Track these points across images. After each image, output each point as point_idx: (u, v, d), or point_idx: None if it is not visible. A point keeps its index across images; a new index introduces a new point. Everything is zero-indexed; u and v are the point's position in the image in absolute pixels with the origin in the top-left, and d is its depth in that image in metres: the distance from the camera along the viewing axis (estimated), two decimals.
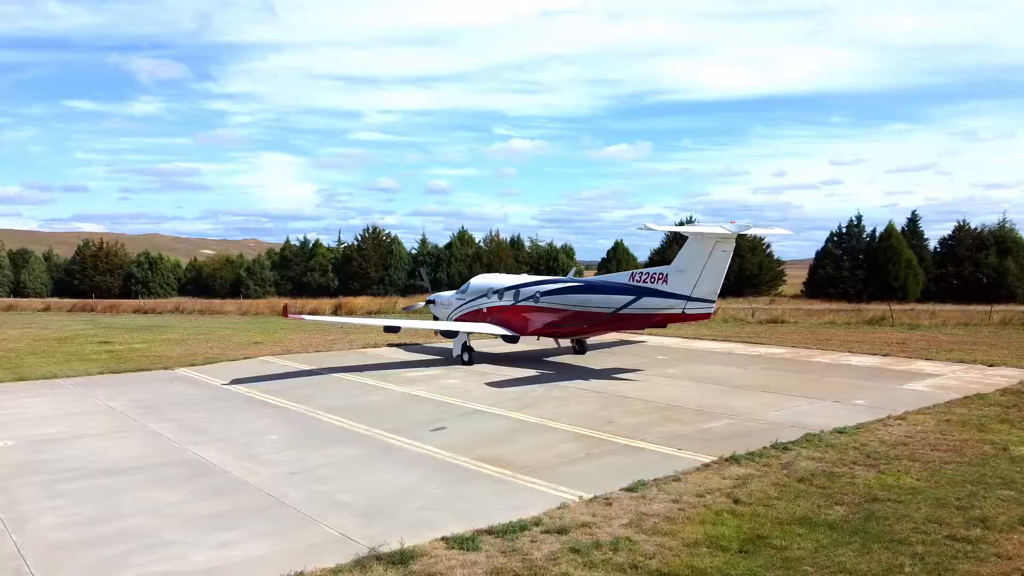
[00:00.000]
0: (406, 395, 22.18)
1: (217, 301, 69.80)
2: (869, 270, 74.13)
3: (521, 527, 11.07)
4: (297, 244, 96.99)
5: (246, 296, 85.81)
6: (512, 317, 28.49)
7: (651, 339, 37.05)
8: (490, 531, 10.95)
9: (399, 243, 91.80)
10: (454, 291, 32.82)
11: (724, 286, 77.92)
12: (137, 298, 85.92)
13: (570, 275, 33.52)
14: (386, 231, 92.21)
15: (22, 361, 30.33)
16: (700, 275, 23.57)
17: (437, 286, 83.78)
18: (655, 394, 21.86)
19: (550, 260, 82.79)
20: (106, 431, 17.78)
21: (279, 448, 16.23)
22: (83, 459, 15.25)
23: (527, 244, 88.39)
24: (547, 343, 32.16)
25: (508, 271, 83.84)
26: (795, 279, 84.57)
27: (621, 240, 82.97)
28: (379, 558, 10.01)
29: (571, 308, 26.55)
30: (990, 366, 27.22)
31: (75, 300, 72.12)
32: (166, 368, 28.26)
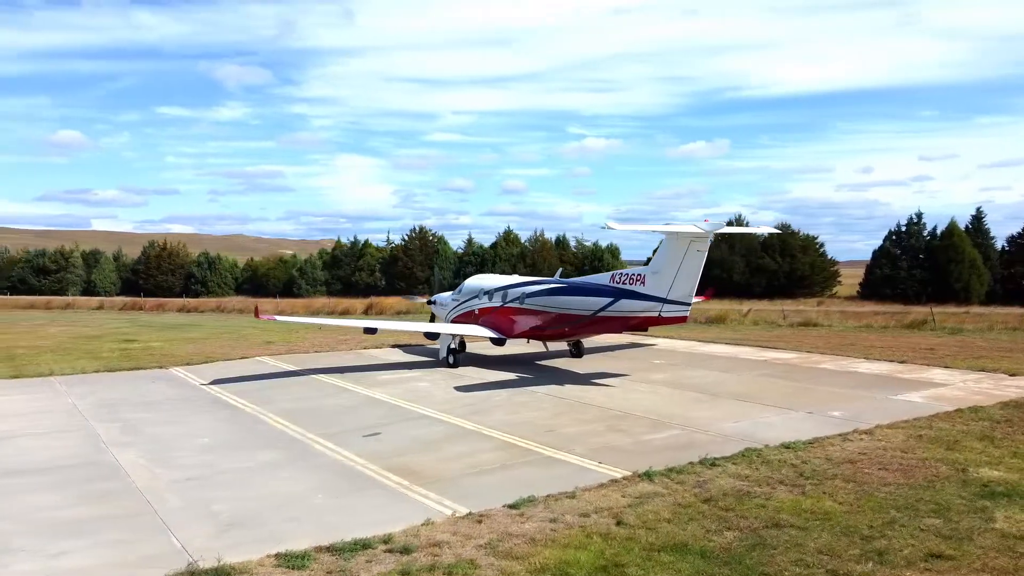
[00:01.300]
0: (367, 398, 21.81)
1: (259, 300, 71.28)
2: (929, 270, 70.27)
3: (366, 545, 10.50)
4: (348, 244, 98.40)
5: (298, 295, 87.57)
6: (498, 319, 27.82)
7: (661, 342, 35.79)
8: (331, 548, 10.40)
9: (445, 243, 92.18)
10: (451, 292, 32.36)
11: (774, 287, 75.46)
12: (197, 297, 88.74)
13: (556, 276, 32.59)
14: (432, 231, 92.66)
15: (35, 359, 31.27)
16: (675, 276, 22.44)
17: None
18: (620, 402, 20.88)
19: (595, 260, 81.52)
20: (49, 431, 17.95)
21: (200, 451, 16.04)
22: (2, 459, 15.37)
23: (572, 244, 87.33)
24: (552, 345, 31.33)
25: (551, 272, 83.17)
26: (853, 279, 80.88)
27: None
28: (193, 574, 9.59)
29: (552, 310, 25.72)
30: (1011, 375, 25.12)
31: (127, 299, 74.80)
32: (161, 367, 28.67)
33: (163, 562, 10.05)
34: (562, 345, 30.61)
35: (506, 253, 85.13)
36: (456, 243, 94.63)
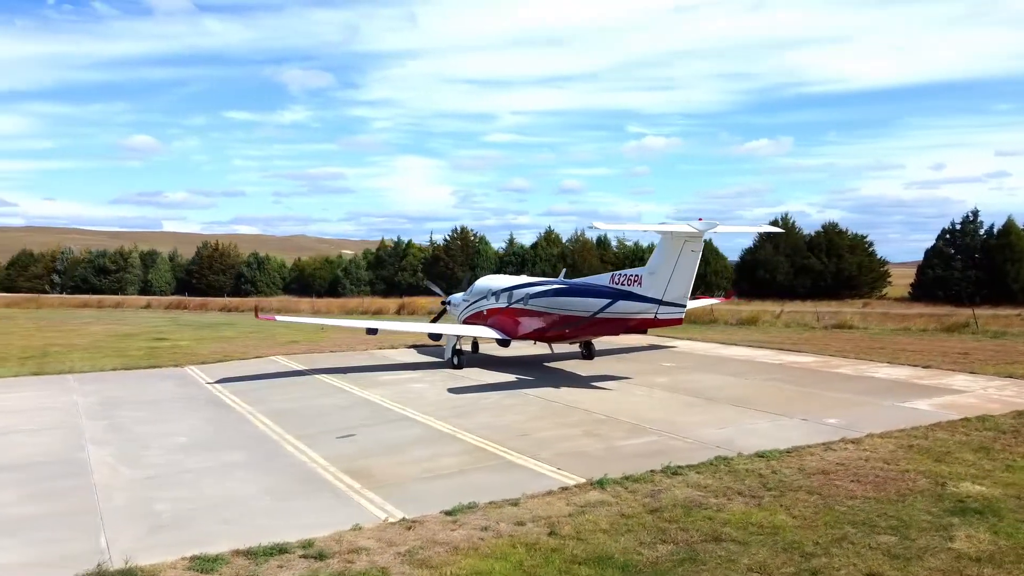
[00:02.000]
0: (360, 399, 21.79)
1: (297, 299, 72.50)
2: (984, 270, 67.24)
3: (283, 550, 10.37)
4: (392, 244, 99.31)
5: (342, 295, 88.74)
6: (503, 320, 27.54)
7: (681, 344, 35.02)
8: (248, 552, 10.30)
9: (486, 243, 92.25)
10: (463, 293, 32.18)
11: (819, 288, 73.42)
12: (247, 296, 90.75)
13: (560, 276, 32.04)
14: (474, 231, 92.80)
15: (65, 356, 32.23)
16: (671, 278, 21.80)
17: None
18: (610, 405, 20.39)
19: (636, 260, 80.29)
20: (39, 428, 18.38)
21: (171, 450, 16.20)
22: None
23: (614, 244, 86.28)
24: (563, 347, 30.89)
25: (592, 272, 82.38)
26: (905, 280, 77.89)
27: (709, 239, 79.22)
28: (102, 575, 9.59)
29: (554, 311, 25.32)
30: None
31: (174, 298, 76.85)
32: (177, 365, 29.23)
33: (80, 562, 10.07)
34: (574, 347, 30.17)
35: (546, 253, 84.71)
36: (498, 243, 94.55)
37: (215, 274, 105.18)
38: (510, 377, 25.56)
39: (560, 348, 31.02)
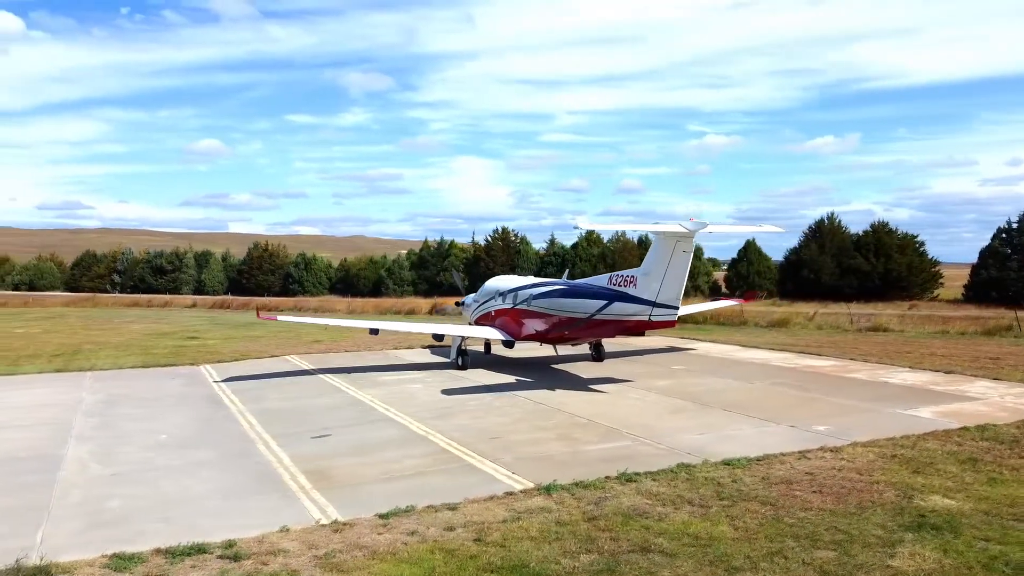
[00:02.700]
0: (352, 399, 21.90)
1: (335, 299, 73.58)
2: None
3: (203, 550, 10.43)
4: (435, 244, 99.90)
5: (385, 295, 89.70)
6: (507, 321, 27.36)
7: (701, 346, 34.29)
8: (169, 551, 10.39)
9: (527, 243, 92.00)
10: (474, 294, 32.09)
11: (867, 289, 70.91)
12: (293, 296, 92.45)
13: (564, 277, 31.63)
14: (515, 232, 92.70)
15: (93, 354, 33.28)
16: (664, 279, 21.30)
17: None
18: (597, 408, 20.04)
19: None
20: (34, 423, 18.98)
21: (148, 448, 16.52)
22: None
23: None
24: (577, 348, 30.52)
25: None
26: (959, 281, 74.72)
27: (753, 239, 77.50)
28: (19, 571, 9.78)
29: (554, 312, 25.02)
30: None
31: (218, 297, 78.72)
32: (193, 364, 29.87)
33: (6, 557, 10.29)
34: (584, 349, 29.80)
35: (587, 253, 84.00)
36: (538, 243, 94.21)
37: (264, 274, 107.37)
38: (509, 378, 25.38)
39: (573, 350, 30.70)
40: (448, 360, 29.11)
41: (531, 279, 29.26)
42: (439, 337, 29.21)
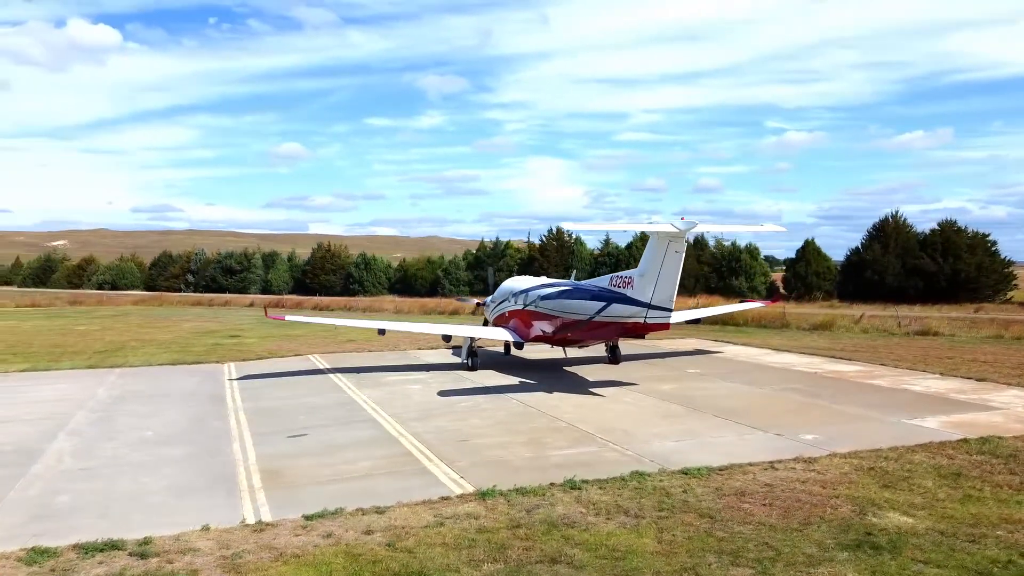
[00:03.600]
0: (346, 399, 22.04)
1: (381, 298, 74.59)
2: None
3: (116, 547, 10.63)
4: (491, 245, 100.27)
5: (442, 295, 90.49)
6: (517, 322, 27.12)
7: (730, 349, 33.27)
8: (85, 547, 10.61)
9: (582, 244, 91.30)
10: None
11: (934, 290, 67.90)
12: (353, 295, 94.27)
13: (571, 278, 31.04)
14: (569, 232, 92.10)
15: (133, 351, 34.54)
16: (657, 280, 20.71)
17: None
18: (583, 413, 19.64)
19: (732, 261, 77.17)
20: (37, 418, 19.72)
21: (129, 444, 16.98)
22: None
23: (711, 243, 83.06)
24: (597, 349, 30.05)
25: (687, 272, 79.79)
26: None
27: (812, 239, 74.93)
28: None
29: (557, 314, 24.65)
30: None
31: (273, 297, 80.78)
32: (219, 362, 30.66)
33: None
34: (573, 352, 29.18)
35: (640, 253, 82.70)
36: (593, 243, 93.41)
37: (326, 274, 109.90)
38: (513, 380, 25.14)
39: (592, 352, 30.27)
40: (459, 362, 29.06)
41: (543, 280, 28.93)
42: (447, 338, 29.17)
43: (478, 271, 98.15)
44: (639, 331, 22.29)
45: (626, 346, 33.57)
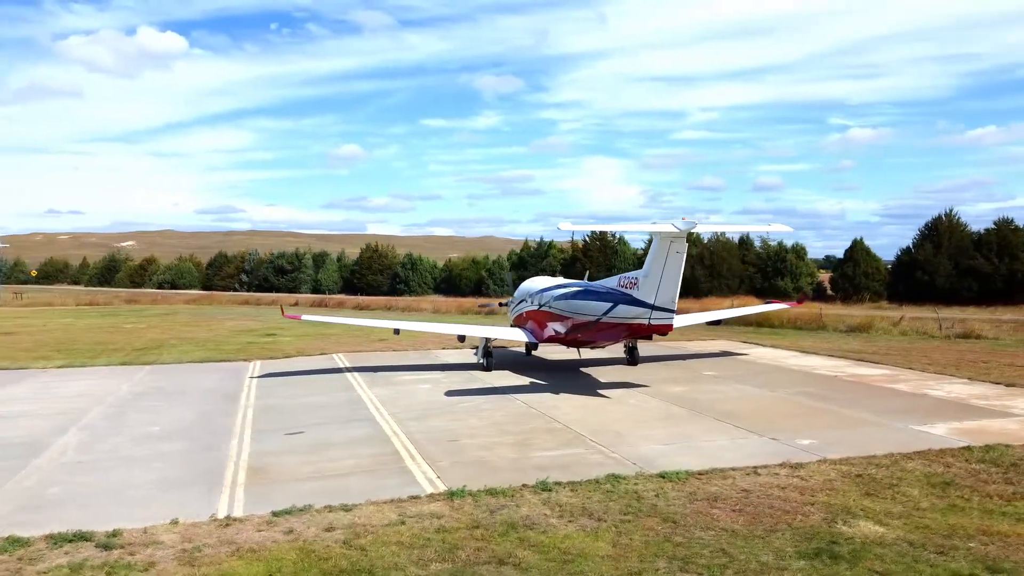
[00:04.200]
0: (351, 398, 22.29)
1: (431, 298, 75.25)
2: None
3: (86, 538, 11.04)
4: (535, 245, 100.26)
5: (485, 294, 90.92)
6: (532, 323, 27.11)
7: (756, 351, 32.63)
8: (58, 537, 11.05)
9: (625, 243, 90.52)
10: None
11: (989, 291, 65.40)
12: (400, 295, 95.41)
13: (584, 278, 30.78)
14: (612, 233, 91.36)
15: (168, 349, 35.64)
16: (660, 280, 20.47)
17: None
18: (581, 415, 19.55)
19: (777, 261, 75.55)
20: (52, 413, 20.46)
21: (133, 439, 17.54)
22: None
23: (757, 243, 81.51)
24: (616, 351, 29.81)
25: (731, 273, 78.46)
26: None
27: (860, 238, 72.82)
28: None
29: (567, 314, 24.54)
30: None
31: (316, 296, 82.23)
32: (246, 360, 31.37)
33: None
34: (590, 353, 28.93)
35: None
36: (636, 243, 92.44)
37: (374, 274, 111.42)
38: (524, 381, 25.14)
39: (610, 353, 30.08)
40: (480, 362, 29.14)
41: (558, 280, 28.85)
42: (462, 338, 29.31)
43: (522, 271, 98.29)
44: (643, 332, 22.07)
45: (651, 347, 33.31)
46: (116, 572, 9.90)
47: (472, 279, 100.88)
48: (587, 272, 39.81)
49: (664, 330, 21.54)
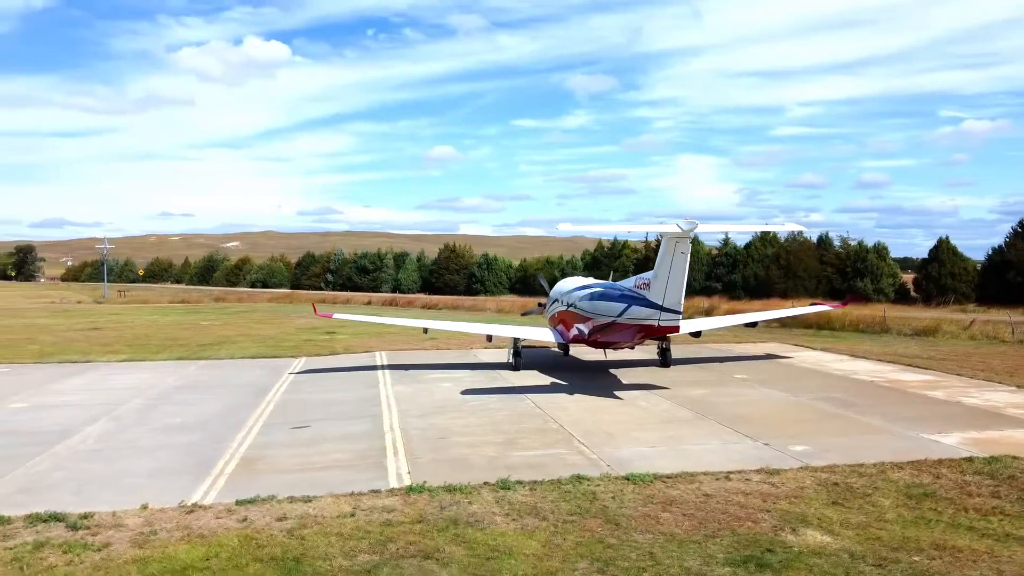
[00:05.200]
0: (371, 395, 22.89)
1: (485, 299, 75.95)
2: None
3: (59, 519, 11.91)
4: (608, 245, 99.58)
5: None
6: (559, 323, 27.17)
7: (801, 355, 31.61)
8: (36, 517, 11.97)
9: (698, 242, 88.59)
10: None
11: None
12: (475, 295, 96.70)
13: (609, 278, 30.30)
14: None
15: (226, 345, 37.45)
16: (668, 281, 20.20)
17: (731, 288, 79.40)
18: (583, 416, 19.55)
19: (857, 261, 72.41)
20: (95, 403, 21.95)
21: (153, 429, 18.67)
22: (16, 423, 19.42)
23: (836, 243, 78.35)
24: (649, 351, 29.57)
25: (808, 273, 75.74)
26: None
27: (946, 237, 68.87)
28: None
29: (589, 315, 24.48)
30: None
31: (389, 295, 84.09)
32: (293, 356, 32.67)
33: None
34: (614, 354, 28.60)
35: (759, 254, 79.39)
36: (710, 243, 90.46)
37: (451, 274, 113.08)
38: (546, 381, 25.24)
39: (639, 354, 29.83)
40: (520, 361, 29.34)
41: (587, 281, 28.76)
42: (490, 338, 29.57)
43: (595, 271, 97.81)
44: (656, 333, 21.84)
45: (694, 349, 32.80)
46: (72, 550, 10.67)
47: (546, 278, 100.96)
48: (612, 273, 39.51)
49: (672, 331, 21.26)
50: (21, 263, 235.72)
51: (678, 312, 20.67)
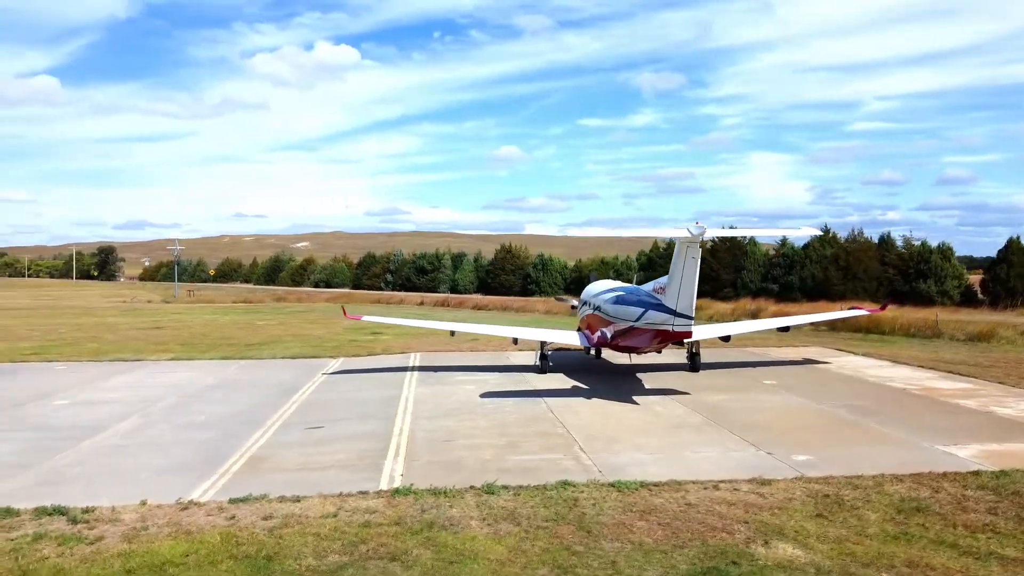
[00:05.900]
0: (392, 396, 23.28)
1: (541, 299, 75.90)
2: None
3: (62, 512, 12.62)
4: (664, 246, 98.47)
5: None
6: (584, 327, 27.17)
7: (840, 360, 30.79)
8: (40, 510, 12.69)
9: (755, 243, 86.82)
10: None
11: None
12: (530, 296, 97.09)
13: (634, 282, 29.88)
14: (743, 237, 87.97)
15: (271, 345, 38.62)
16: (680, 286, 20.02)
17: (788, 290, 77.60)
18: (592, 420, 19.57)
19: (920, 263, 69.80)
20: (132, 400, 23.00)
21: (175, 426, 19.49)
22: (59, 417, 20.53)
23: (899, 242, 75.63)
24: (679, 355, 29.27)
25: (868, 275, 73.43)
26: None
27: (1017, 237, 65.64)
28: None
29: (610, 319, 24.42)
30: None
31: (441, 296, 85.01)
32: (332, 357, 33.48)
33: None
34: (639, 358, 28.32)
35: (818, 255, 77.27)
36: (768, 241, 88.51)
37: (507, 274, 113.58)
38: (568, 384, 25.28)
39: (673, 357, 29.57)
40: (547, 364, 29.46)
41: (614, 284, 28.66)
42: (516, 341, 29.68)
43: (650, 272, 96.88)
44: (671, 338, 21.67)
45: (730, 353, 32.30)
46: (66, 543, 11.32)
47: (600, 279, 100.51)
48: (635, 276, 39.16)
49: (684, 336, 21.07)
50: (103, 263, 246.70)
51: (690, 317, 20.48)
